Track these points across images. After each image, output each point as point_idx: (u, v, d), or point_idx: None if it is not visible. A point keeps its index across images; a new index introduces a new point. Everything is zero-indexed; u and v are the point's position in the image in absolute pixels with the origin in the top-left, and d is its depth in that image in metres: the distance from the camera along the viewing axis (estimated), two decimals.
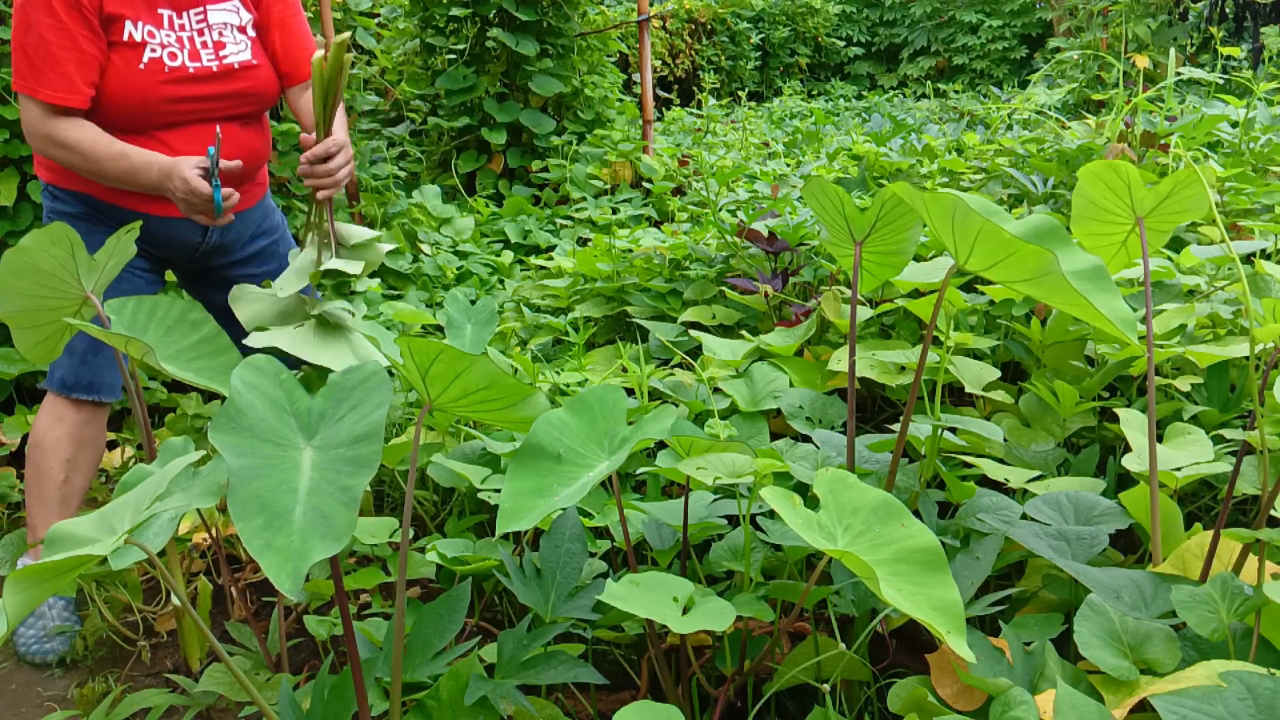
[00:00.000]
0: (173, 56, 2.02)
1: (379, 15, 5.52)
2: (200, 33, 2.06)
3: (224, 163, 1.89)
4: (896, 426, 1.86)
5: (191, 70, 2.04)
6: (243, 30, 2.12)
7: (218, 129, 1.95)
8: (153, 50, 2.00)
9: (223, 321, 2.35)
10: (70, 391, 2.10)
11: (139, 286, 2.14)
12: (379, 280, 3.86)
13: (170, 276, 2.38)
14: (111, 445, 2.84)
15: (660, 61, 10.36)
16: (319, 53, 1.66)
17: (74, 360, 2.09)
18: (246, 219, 2.26)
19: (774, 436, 2.13)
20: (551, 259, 3.72)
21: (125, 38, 1.98)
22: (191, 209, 1.91)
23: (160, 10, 2.02)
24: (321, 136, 1.75)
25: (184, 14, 2.05)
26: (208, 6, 2.08)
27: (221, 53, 2.08)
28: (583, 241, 4.46)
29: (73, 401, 2.11)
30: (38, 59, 1.91)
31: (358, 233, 1.88)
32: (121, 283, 2.11)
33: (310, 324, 1.70)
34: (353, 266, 1.80)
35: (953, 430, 1.79)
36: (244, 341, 1.73)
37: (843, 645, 1.39)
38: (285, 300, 1.78)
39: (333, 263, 1.79)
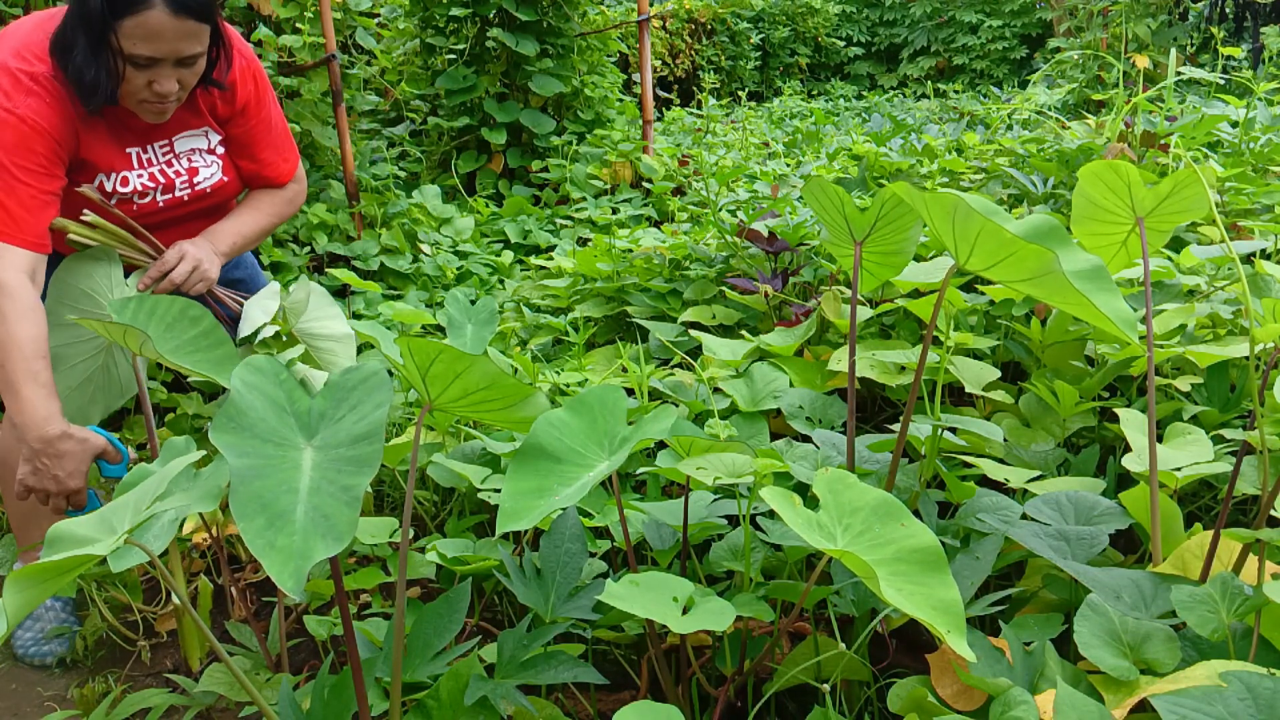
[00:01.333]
0: (142, 195, 1.97)
1: (379, 15, 5.52)
2: (169, 164, 1.99)
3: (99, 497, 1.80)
4: (896, 426, 1.86)
5: (161, 204, 2.00)
6: (212, 152, 2.05)
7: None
8: (120, 198, 1.95)
9: None
10: None
11: None
12: (379, 280, 3.86)
13: None
14: None
15: (660, 61, 10.36)
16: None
17: None
18: None
19: (774, 436, 2.13)
20: (551, 259, 3.72)
21: (95, 184, 1.92)
22: (39, 479, 1.72)
23: (128, 150, 1.94)
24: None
25: (149, 148, 1.97)
26: (174, 137, 1.99)
27: (195, 179, 2.02)
28: (583, 241, 4.46)
29: None
30: (21, 207, 1.78)
31: (255, 316, 1.96)
32: None
33: None
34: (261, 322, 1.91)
35: (953, 430, 1.79)
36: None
37: (843, 645, 1.39)
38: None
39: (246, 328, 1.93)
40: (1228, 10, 7.56)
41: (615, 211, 4.71)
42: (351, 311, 3.48)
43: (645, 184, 4.88)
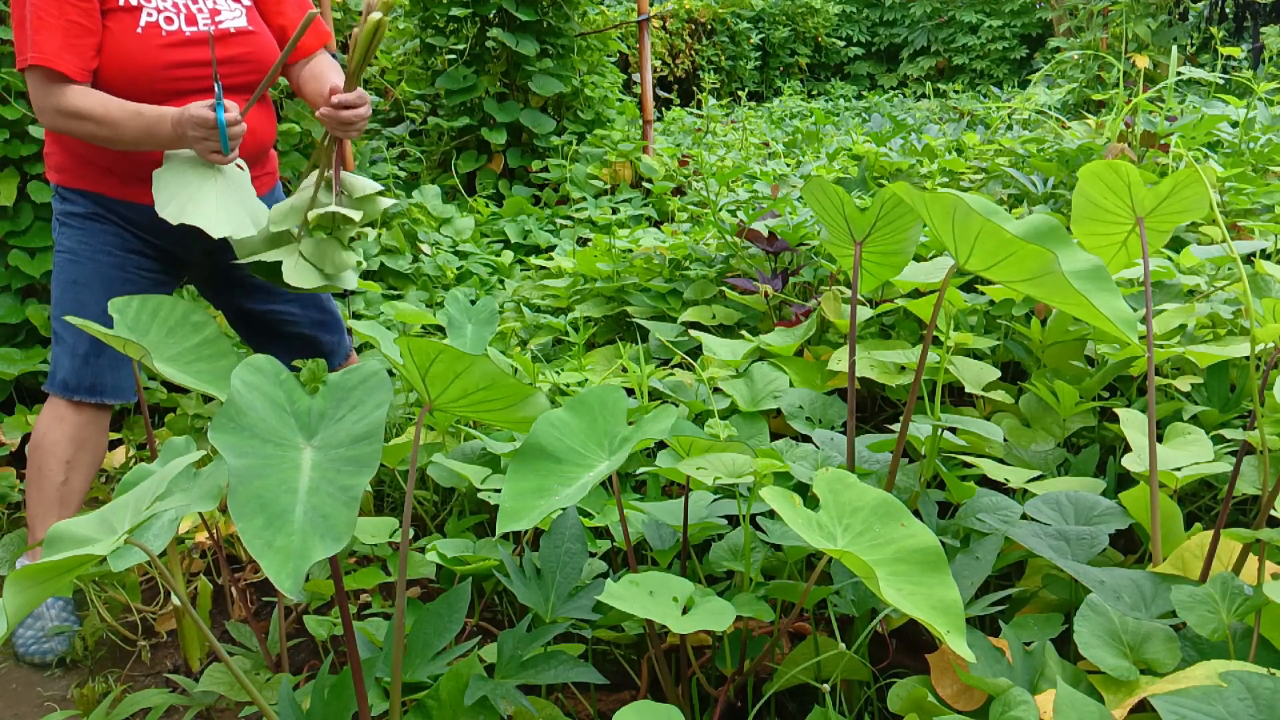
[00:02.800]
0: (169, 21, 2.01)
1: None
2: (193, 0, 2.06)
3: (230, 105, 1.93)
4: (896, 426, 1.86)
5: (188, 34, 2.03)
6: (238, 1, 2.12)
7: (218, 86, 1.94)
8: (149, 14, 1.99)
9: (239, 325, 2.35)
10: (72, 394, 2.09)
11: (144, 288, 2.13)
12: (379, 280, 3.86)
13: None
14: (112, 445, 2.84)
15: (660, 61, 10.36)
16: (375, 15, 1.83)
17: (75, 362, 2.08)
18: None
19: (774, 436, 2.13)
20: (551, 259, 3.72)
21: (121, 2, 1.97)
22: (206, 148, 1.93)
23: None
24: (351, 89, 1.95)
25: None
26: None
27: (218, 18, 2.07)
28: (583, 241, 4.46)
29: (74, 403, 2.11)
30: (35, 31, 1.92)
31: (363, 184, 2.03)
32: (126, 284, 2.10)
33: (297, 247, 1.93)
34: (353, 213, 1.95)
35: (953, 430, 1.79)
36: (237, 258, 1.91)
37: (843, 645, 1.39)
38: (277, 231, 1.97)
39: (332, 206, 1.96)
40: (1228, 10, 7.55)
41: (615, 211, 4.71)
42: (351, 312, 3.48)
43: (645, 184, 4.88)
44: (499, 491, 1.89)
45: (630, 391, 2.38)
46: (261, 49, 2.14)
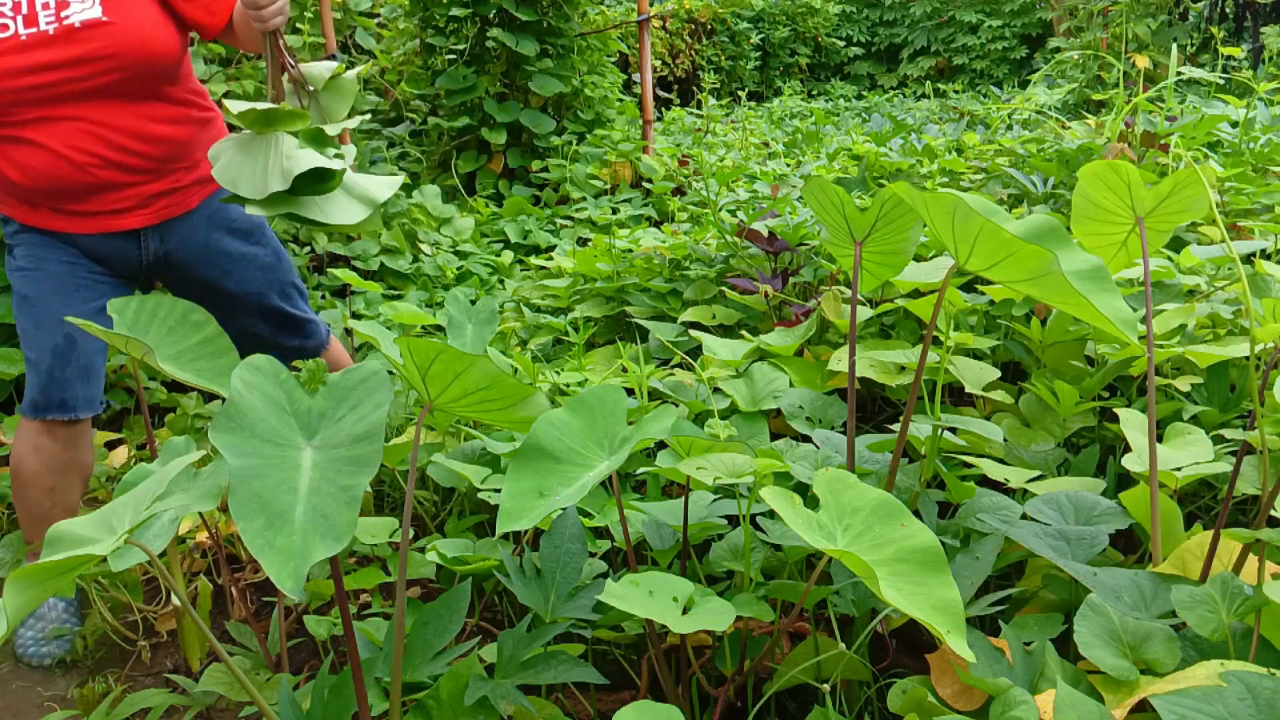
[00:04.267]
0: (3, 28, 1.79)
1: (379, 15, 5.53)
2: None
3: None
4: (896, 426, 1.86)
5: (24, 38, 1.79)
6: None
7: None
8: None
9: (240, 344, 2.30)
10: (43, 413, 1.96)
11: (102, 290, 2.02)
12: (379, 280, 3.86)
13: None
14: (113, 445, 2.84)
15: (660, 61, 10.36)
16: None
17: (41, 378, 1.95)
18: (192, 222, 2.08)
19: (774, 436, 2.13)
20: (551, 259, 3.72)
21: None
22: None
23: None
24: None
25: None
26: None
27: (63, 13, 1.82)
28: (583, 241, 4.46)
29: (46, 426, 1.97)
30: None
31: (321, 69, 1.77)
32: (80, 288, 1.99)
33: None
34: (337, 164, 1.60)
35: (953, 430, 1.79)
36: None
37: (843, 645, 1.39)
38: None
39: (310, 161, 1.57)
40: (1228, 10, 7.56)
41: (615, 211, 4.71)
42: (351, 311, 3.48)
43: (645, 184, 4.88)
44: (499, 491, 1.89)
45: (630, 391, 2.38)
46: (124, 42, 1.86)
